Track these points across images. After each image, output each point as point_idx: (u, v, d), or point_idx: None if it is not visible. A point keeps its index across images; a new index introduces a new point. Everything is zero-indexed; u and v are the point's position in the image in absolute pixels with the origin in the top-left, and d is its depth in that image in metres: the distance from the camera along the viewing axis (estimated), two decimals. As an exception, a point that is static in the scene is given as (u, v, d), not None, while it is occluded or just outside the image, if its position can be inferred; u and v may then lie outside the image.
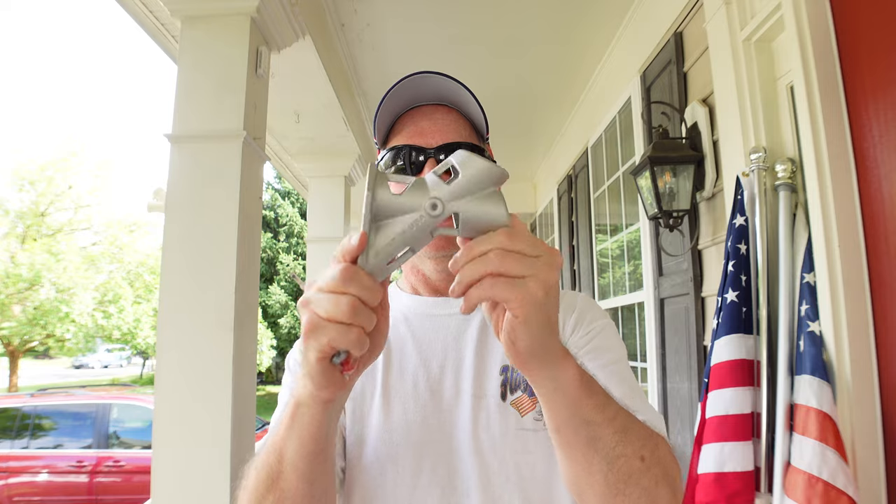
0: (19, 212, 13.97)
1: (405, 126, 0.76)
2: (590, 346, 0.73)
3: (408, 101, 0.75)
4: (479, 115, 0.75)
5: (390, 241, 0.48)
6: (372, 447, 0.71)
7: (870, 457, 1.29)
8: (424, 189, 0.49)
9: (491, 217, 0.49)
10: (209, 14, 1.85)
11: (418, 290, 0.81)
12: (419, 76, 0.72)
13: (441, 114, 0.75)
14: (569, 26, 2.86)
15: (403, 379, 0.74)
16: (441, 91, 0.74)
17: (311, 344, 0.47)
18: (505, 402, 0.71)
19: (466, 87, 0.73)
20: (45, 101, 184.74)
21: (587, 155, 3.67)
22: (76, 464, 5.18)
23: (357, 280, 0.46)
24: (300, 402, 0.54)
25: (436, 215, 0.48)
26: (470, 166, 0.49)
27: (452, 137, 0.74)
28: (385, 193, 0.48)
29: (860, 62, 1.38)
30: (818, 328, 1.37)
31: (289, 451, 0.56)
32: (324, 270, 0.48)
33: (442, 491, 0.68)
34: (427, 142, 0.73)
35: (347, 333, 0.46)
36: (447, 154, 0.72)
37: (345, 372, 0.51)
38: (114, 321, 13.77)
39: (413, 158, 0.73)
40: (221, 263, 1.71)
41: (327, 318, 0.46)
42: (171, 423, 1.65)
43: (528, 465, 0.69)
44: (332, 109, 3.09)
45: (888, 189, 1.30)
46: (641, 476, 0.55)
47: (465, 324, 0.77)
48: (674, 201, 2.06)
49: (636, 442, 0.56)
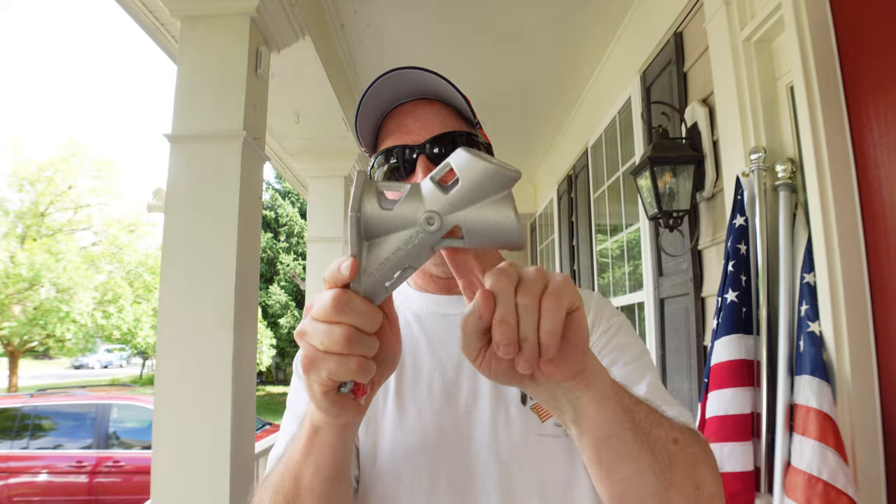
0: (19, 212, 13.98)
1: (389, 127, 0.74)
2: (611, 345, 0.71)
3: (387, 102, 0.73)
4: (461, 102, 0.73)
5: (384, 261, 0.43)
6: (387, 453, 0.68)
7: (870, 457, 1.29)
8: (420, 199, 0.43)
9: (499, 229, 0.42)
10: (209, 14, 1.85)
11: (427, 288, 0.78)
12: (393, 74, 0.69)
13: (423, 108, 0.73)
14: (569, 26, 2.86)
15: (418, 382, 0.71)
16: (419, 86, 0.72)
17: (311, 378, 0.45)
18: (525, 407, 0.68)
19: (443, 76, 0.70)
20: (45, 101, 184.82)
21: (587, 155, 3.67)
22: (76, 464, 5.18)
23: (350, 307, 0.42)
24: (317, 427, 0.52)
25: (433, 231, 0.42)
26: (472, 170, 0.42)
27: (439, 129, 0.71)
28: (374, 208, 0.43)
29: (860, 62, 1.38)
30: (818, 328, 1.37)
31: (306, 476, 0.54)
32: (318, 295, 0.44)
33: (460, 498, 0.65)
34: (414, 138, 0.71)
35: (347, 364, 0.43)
36: (438, 147, 0.70)
37: (357, 398, 0.47)
38: (113, 321, 13.77)
39: (405, 157, 0.71)
40: (221, 263, 1.71)
41: (324, 350, 0.43)
42: (171, 423, 1.65)
43: (548, 471, 0.66)
44: (332, 109, 3.09)
45: (888, 189, 1.30)
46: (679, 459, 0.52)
47: None
48: (674, 201, 2.06)
49: (664, 424, 0.53)
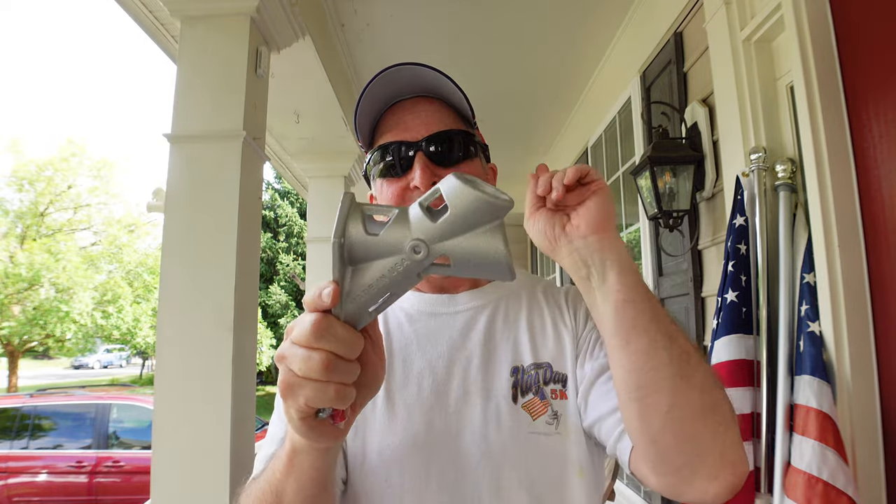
0: (19, 212, 13.97)
1: (388, 123, 0.74)
2: None
3: (387, 98, 0.73)
4: (462, 102, 0.73)
5: (367, 287, 0.42)
6: (375, 453, 0.68)
7: (870, 457, 1.29)
8: (407, 225, 0.42)
9: (488, 261, 0.42)
10: (209, 14, 1.85)
11: (421, 288, 0.78)
12: (394, 69, 0.70)
13: (423, 105, 0.73)
14: (569, 26, 2.86)
15: (408, 381, 0.71)
16: (420, 82, 0.72)
17: (289, 403, 0.44)
18: (516, 405, 0.68)
19: (445, 74, 0.71)
20: (44, 101, 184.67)
21: (587, 155, 3.67)
22: (76, 464, 5.17)
23: (330, 333, 0.41)
24: (297, 450, 0.51)
25: (419, 260, 0.41)
26: (462, 200, 0.41)
27: (437, 127, 0.72)
28: (359, 233, 0.41)
29: (860, 62, 1.38)
30: (818, 328, 1.37)
31: (288, 494, 0.54)
32: (300, 318, 0.44)
33: (451, 497, 0.65)
34: (412, 135, 0.71)
35: (325, 391, 0.42)
36: (436, 145, 0.70)
37: (336, 423, 0.46)
38: (113, 321, 13.76)
39: (402, 154, 0.71)
40: (221, 263, 1.70)
41: (302, 377, 0.42)
42: (170, 423, 1.65)
43: (540, 469, 0.66)
44: (331, 109, 3.09)
45: (888, 189, 1.30)
46: (693, 364, 0.55)
47: (471, 322, 0.74)
48: (674, 201, 2.06)
49: (683, 335, 0.57)
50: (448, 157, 0.71)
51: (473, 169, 0.74)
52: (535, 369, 0.70)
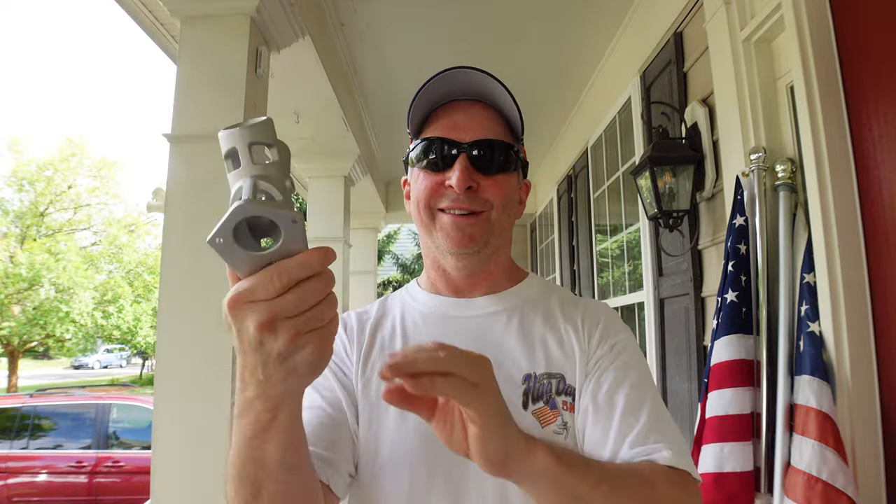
0: (19, 212, 13.98)
1: (440, 118, 0.75)
2: (617, 362, 0.71)
3: (444, 95, 0.75)
4: (514, 115, 0.75)
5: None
6: (388, 449, 0.70)
7: (870, 457, 1.29)
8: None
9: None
10: (209, 14, 1.85)
11: (438, 289, 0.79)
12: (458, 70, 0.72)
13: (477, 109, 0.75)
14: (569, 26, 2.86)
15: None
16: (479, 87, 0.74)
17: (245, 316, 0.46)
18: (526, 412, 0.69)
19: (505, 85, 0.72)
20: (44, 100, 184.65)
21: (587, 155, 3.67)
22: (75, 464, 5.17)
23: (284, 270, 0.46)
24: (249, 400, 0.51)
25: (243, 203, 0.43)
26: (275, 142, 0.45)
27: (486, 134, 0.73)
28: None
29: (860, 62, 1.38)
30: (818, 328, 1.37)
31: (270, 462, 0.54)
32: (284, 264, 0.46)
33: (455, 495, 0.66)
34: (461, 136, 0.73)
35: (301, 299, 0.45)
36: (479, 150, 0.72)
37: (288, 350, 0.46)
38: (113, 321, 13.76)
39: (446, 151, 0.73)
40: (221, 263, 1.70)
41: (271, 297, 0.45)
42: (170, 423, 1.65)
43: None
44: (331, 109, 3.09)
45: (888, 189, 1.30)
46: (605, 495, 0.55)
47: (485, 326, 0.75)
48: (674, 201, 2.06)
49: (627, 496, 0.57)
50: (489, 165, 0.73)
51: (509, 182, 0.75)
52: (548, 378, 0.71)
